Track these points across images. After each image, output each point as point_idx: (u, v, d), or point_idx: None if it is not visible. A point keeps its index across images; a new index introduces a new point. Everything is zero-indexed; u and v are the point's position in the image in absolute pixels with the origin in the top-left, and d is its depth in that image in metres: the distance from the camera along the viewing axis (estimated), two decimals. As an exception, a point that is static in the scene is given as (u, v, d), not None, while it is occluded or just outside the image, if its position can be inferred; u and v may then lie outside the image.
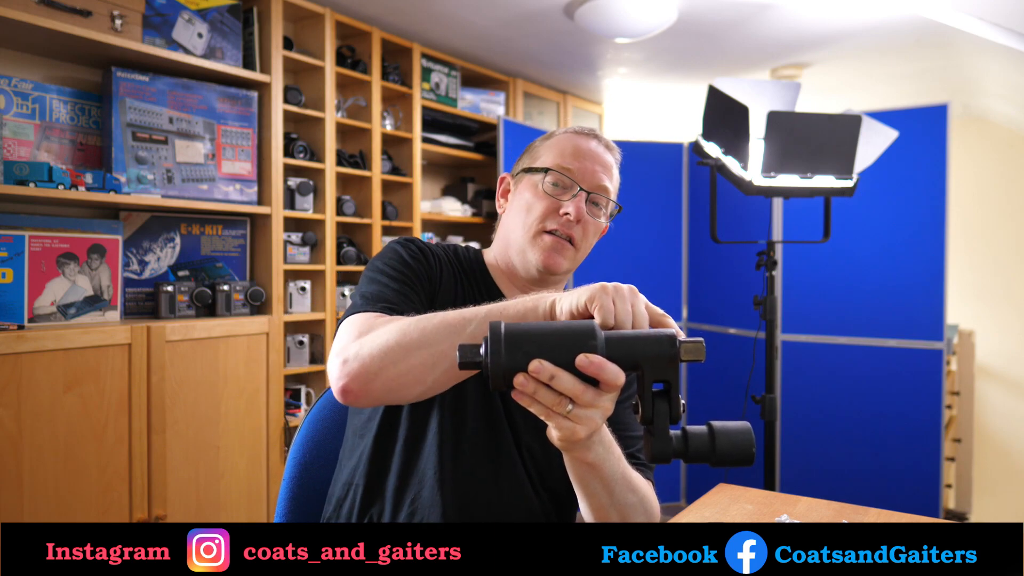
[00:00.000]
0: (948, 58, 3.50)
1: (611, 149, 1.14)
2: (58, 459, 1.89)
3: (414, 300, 1.00)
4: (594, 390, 0.70)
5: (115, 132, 2.18)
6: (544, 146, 1.13)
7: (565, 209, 1.06)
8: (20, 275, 1.99)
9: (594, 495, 0.91)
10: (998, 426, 4.68)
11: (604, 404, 0.72)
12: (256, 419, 2.42)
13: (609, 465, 0.88)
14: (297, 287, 2.72)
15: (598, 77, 3.92)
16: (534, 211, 1.07)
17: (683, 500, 3.72)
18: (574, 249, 1.08)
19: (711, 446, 0.75)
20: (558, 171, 1.08)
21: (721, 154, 2.37)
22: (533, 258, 1.07)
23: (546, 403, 0.69)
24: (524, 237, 1.08)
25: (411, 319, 0.84)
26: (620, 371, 0.70)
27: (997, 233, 4.70)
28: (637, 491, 0.96)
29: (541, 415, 0.71)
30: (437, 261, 1.08)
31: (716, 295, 3.54)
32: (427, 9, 2.87)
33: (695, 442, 0.75)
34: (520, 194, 1.11)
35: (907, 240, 2.94)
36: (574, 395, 0.69)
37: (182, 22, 2.31)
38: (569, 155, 1.09)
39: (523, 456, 1.04)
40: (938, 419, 2.85)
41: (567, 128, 1.15)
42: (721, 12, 2.92)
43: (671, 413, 0.73)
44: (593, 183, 1.09)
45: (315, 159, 2.76)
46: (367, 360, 0.83)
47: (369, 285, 1.01)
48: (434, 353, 0.81)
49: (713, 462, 0.75)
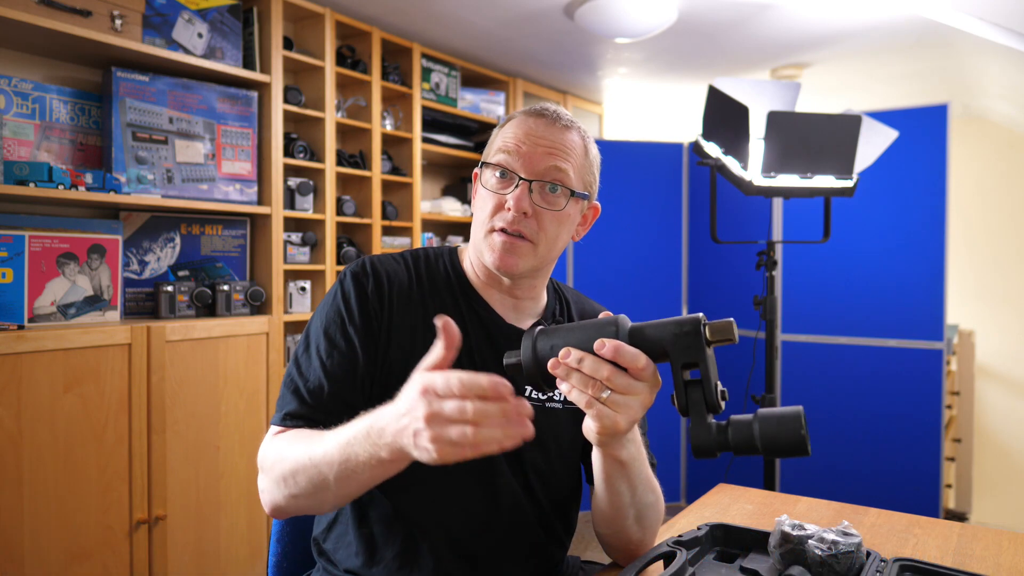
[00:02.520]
0: (948, 58, 3.50)
1: (567, 126, 1.01)
2: (58, 459, 1.89)
3: (352, 366, 0.96)
4: (625, 375, 0.73)
5: (115, 132, 2.18)
6: (498, 135, 1.04)
7: (507, 203, 0.97)
8: (20, 275, 1.99)
9: (618, 493, 0.93)
10: (998, 426, 4.68)
11: (641, 392, 0.75)
12: (256, 419, 2.42)
13: (638, 465, 0.91)
14: (297, 287, 2.72)
15: (598, 77, 3.92)
16: (484, 209, 1.00)
17: (683, 500, 3.72)
18: (531, 244, 0.98)
19: (753, 434, 0.69)
20: (497, 163, 0.99)
21: (721, 154, 2.37)
22: (489, 260, 0.99)
23: (580, 387, 0.73)
24: (479, 238, 1.01)
25: (288, 465, 0.86)
26: (639, 353, 0.73)
27: (997, 233, 4.70)
28: (655, 491, 0.99)
29: (582, 404, 0.75)
30: (388, 302, 1.00)
31: (716, 295, 3.54)
32: (427, 9, 2.87)
33: (737, 432, 0.70)
34: (476, 191, 1.05)
35: (907, 240, 2.94)
36: (605, 378, 0.72)
37: (182, 22, 2.31)
38: (512, 141, 0.99)
39: (527, 472, 1.02)
40: (938, 419, 2.85)
41: (521, 110, 1.04)
42: (721, 12, 2.92)
43: (707, 401, 0.70)
44: (537, 169, 0.98)
45: (315, 159, 2.76)
46: (270, 500, 0.91)
47: (304, 355, 0.98)
48: (315, 500, 0.87)
49: (762, 452, 0.69)
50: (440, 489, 0.97)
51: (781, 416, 0.69)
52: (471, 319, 1.03)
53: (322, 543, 1.05)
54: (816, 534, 0.91)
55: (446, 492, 0.97)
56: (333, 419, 0.94)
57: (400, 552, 0.98)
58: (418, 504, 0.97)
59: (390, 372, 0.98)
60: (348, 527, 1.01)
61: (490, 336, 1.03)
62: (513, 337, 1.04)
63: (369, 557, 0.98)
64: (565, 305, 1.14)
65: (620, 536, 1.00)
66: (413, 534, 0.98)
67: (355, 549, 1.00)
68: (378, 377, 0.98)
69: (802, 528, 0.92)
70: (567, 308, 1.14)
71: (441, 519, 0.98)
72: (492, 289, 1.06)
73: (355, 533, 1.00)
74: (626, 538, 1.00)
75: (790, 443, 0.68)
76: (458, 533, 0.98)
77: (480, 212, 1.02)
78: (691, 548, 0.97)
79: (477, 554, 0.99)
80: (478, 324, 1.03)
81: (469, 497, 0.98)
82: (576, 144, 1.02)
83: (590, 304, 1.19)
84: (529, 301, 1.08)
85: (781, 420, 0.69)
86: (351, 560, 1.00)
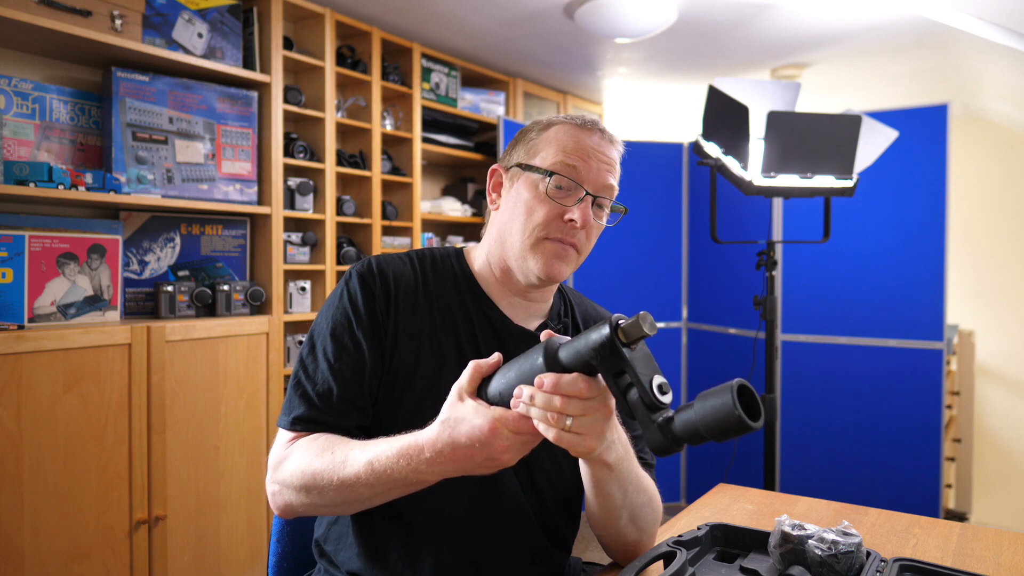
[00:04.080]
0: (948, 58, 3.50)
1: (614, 142, 1.03)
2: (58, 459, 1.89)
3: (360, 368, 0.97)
4: (576, 401, 0.73)
5: (115, 132, 2.18)
6: (542, 139, 1.02)
7: (571, 215, 0.97)
8: (20, 275, 1.99)
9: (609, 496, 0.93)
10: (998, 426, 4.68)
11: (598, 408, 0.75)
12: (256, 419, 2.42)
13: (625, 466, 0.91)
14: (297, 287, 2.72)
15: (598, 77, 3.92)
16: (535, 216, 0.98)
17: (683, 500, 3.72)
18: (577, 254, 1.01)
19: (696, 424, 0.66)
20: (562, 173, 0.98)
21: (721, 154, 2.37)
22: (534, 266, 0.98)
23: (545, 423, 0.74)
24: (524, 243, 0.99)
25: (314, 468, 0.89)
26: (575, 378, 0.73)
27: (997, 233, 4.70)
28: (647, 491, 0.98)
29: (551, 438, 0.75)
30: (394, 303, 1.00)
31: (716, 295, 3.54)
32: (427, 9, 2.87)
33: (683, 424, 0.67)
34: (518, 193, 1.01)
35: (907, 240, 2.94)
36: (559, 409, 0.73)
37: (182, 22, 2.31)
38: (572, 153, 0.98)
39: (532, 470, 1.02)
40: (938, 419, 2.85)
41: (565, 117, 1.03)
42: (721, 12, 2.92)
43: (644, 402, 0.69)
44: (599, 184, 0.99)
45: (315, 159, 2.76)
46: (283, 502, 0.93)
47: (310, 357, 0.98)
48: (336, 507, 0.90)
49: (710, 438, 0.66)
50: (442, 489, 0.96)
51: (713, 396, 0.65)
52: (479, 320, 1.03)
53: (323, 545, 1.05)
54: (816, 534, 0.91)
55: (448, 492, 0.96)
56: (342, 421, 0.95)
57: (402, 554, 0.97)
58: (420, 505, 0.97)
59: (396, 373, 0.98)
60: (349, 528, 1.01)
61: (498, 337, 1.03)
62: (521, 338, 1.04)
63: (371, 558, 0.98)
64: (569, 307, 1.15)
65: (616, 538, 1.00)
66: (415, 535, 0.98)
67: (357, 551, 0.99)
68: (384, 378, 0.98)
69: (802, 528, 0.92)
70: (571, 310, 1.14)
71: (443, 520, 0.98)
72: (504, 290, 1.05)
73: (356, 535, 1.00)
74: (622, 539, 1.00)
75: (730, 423, 0.63)
76: (460, 534, 0.98)
77: (527, 219, 0.99)
78: (691, 548, 0.97)
79: (480, 556, 0.99)
80: (486, 325, 1.03)
81: (472, 498, 0.98)
82: (617, 160, 1.04)
83: (593, 307, 1.19)
84: (540, 303, 1.08)
85: (713, 401, 0.64)
86: (352, 562, 1.00)
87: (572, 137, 1.00)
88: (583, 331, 0.75)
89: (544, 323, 1.08)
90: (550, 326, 1.08)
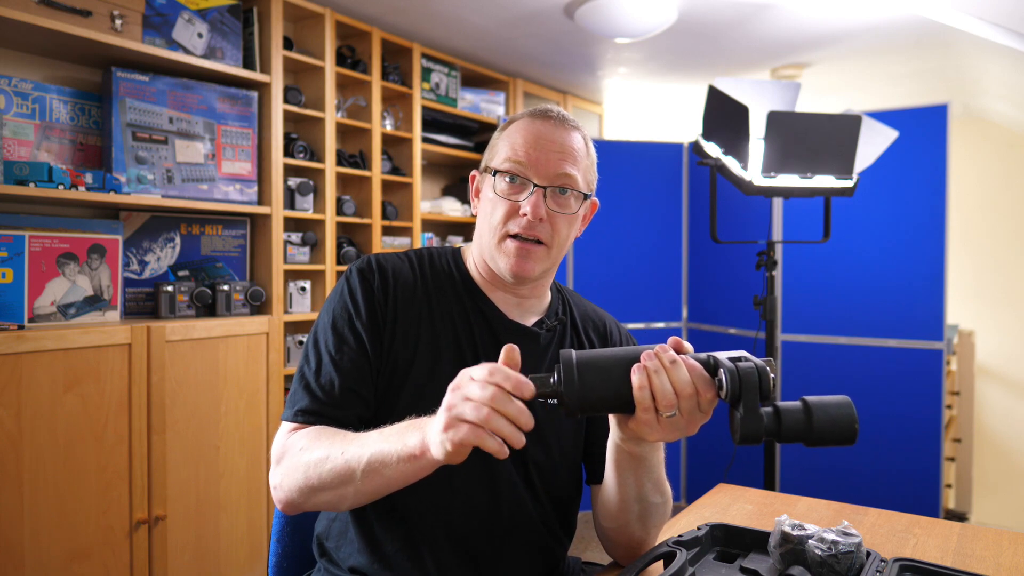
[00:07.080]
0: (948, 58, 3.50)
1: (570, 128, 1.03)
2: (58, 459, 1.89)
3: (361, 360, 0.98)
4: (694, 399, 0.76)
5: (115, 132, 2.18)
6: (500, 138, 1.04)
7: (523, 209, 0.98)
8: (20, 275, 1.99)
9: (625, 486, 0.94)
10: (998, 426, 4.68)
11: (707, 409, 0.78)
12: (256, 419, 2.42)
13: (651, 462, 0.92)
14: (297, 287, 2.72)
15: (598, 77, 3.92)
16: (495, 215, 1.00)
17: (683, 500, 3.72)
18: (545, 248, 1.01)
19: (807, 424, 0.68)
20: (508, 170, 0.99)
21: (721, 154, 2.37)
22: (503, 265, 1.01)
23: (664, 399, 0.75)
24: (491, 243, 1.02)
25: (314, 456, 0.88)
26: (704, 378, 0.76)
27: (997, 233, 4.70)
28: (664, 494, 1.00)
29: (648, 420, 0.77)
30: (392, 299, 1.01)
31: (716, 295, 3.54)
32: (427, 9, 2.87)
33: (789, 420, 0.69)
34: (484, 195, 1.04)
35: (907, 240, 2.94)
36: (690, 393, 0.75)
37: (182, 22, 2.31)
38: (521, 147, 1.00)
39: (529, 469, 1.02)
40: (938, 419, 2.85)
41: (524, 112, 1.04)
42: (721, 12, 2.92)
43: (761, 388, 0.69)
44: (551, 174, 0.99)
45: (315, 159, 2.76)
46: (285, 496, 0.92)
47: (313, 352, 0.99)
48: (337, 494, 0.88)
49: (809, 441, 0.69)
50: (442, 485, 0.97)
51: (834, 405, 0.70)
52: (475, 317, 1.04)
53: (324, 541, 1.05)
54: (816, 534, 0.91)
55: (448, 488, 0.97)
56: (346, 412, 0.96)
57: (401, 549, 0.98)
58: (419, 500, 0.97)
59: (394, 368, 0.99)
60: (349, 525, 1.02)
61: (494, 333, 1.04)
62: (517, 334, 1.05)
63: (371, 555, 0.99)
64: (567, 306, 1.15)
65: (622, 532, 1.01)
66: (414, 531, 0.98)
67: (357, 547, 1.00)
68: (383, 372, 0.99)
69: (802, 528, 0.92)
70: (570, 309, 1.15)
71: (442, 516, 0.98)
72: (496, 288, 1.07)
73: (356, 531, 1.00)
74: (628, 535, 1.01)
75: (843, 432, 0.69)
76: (459, 530, 0.98)
77: (490, 217, 1.02)
78: (691, 548, 0.97)
79: (478, 552, 0.99)
80: (482, 322, 1.04)
81: (471, 494, 0.99)
82: (580, 145, 1.03)
83: (592, 307, 1.19)
84: (533, 300, 1.09)
85: (835, 408, 0.69)
86: (353, 558, 1.00)
87: (523, 131, 1.01)
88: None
89: (541, 320, 1.08)
90: (547, 323, 1.08)
